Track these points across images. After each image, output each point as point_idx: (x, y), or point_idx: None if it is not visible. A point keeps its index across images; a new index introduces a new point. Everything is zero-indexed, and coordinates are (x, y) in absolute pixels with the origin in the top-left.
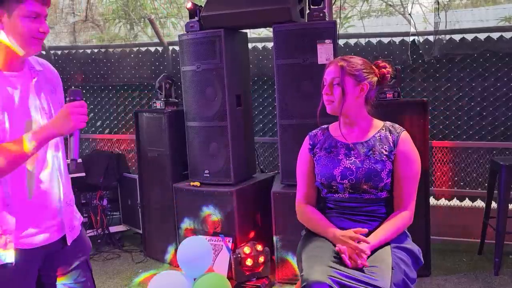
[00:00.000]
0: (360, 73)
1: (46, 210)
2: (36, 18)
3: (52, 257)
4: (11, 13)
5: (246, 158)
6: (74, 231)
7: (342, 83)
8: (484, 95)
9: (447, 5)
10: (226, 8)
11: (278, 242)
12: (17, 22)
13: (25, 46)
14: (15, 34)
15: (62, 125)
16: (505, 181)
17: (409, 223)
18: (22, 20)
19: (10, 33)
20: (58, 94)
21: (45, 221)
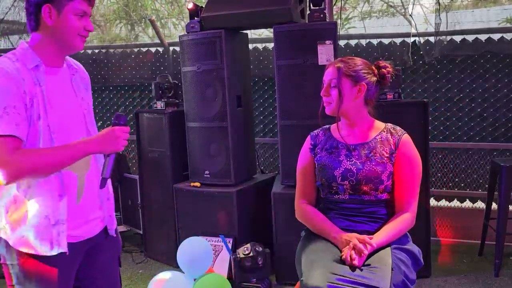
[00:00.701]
0: (357, 74)
1: (91, 202)
2: (82, 16)
3: (93, 251)
4: (61, 10)
5: (247, 158)
6: (113, 223)
7: (338, 85)
8: (485, 96)
9: (448, 6)
10: (226, 8)
11: (278, 243)
12: (66, 19)
13: (71, 43)
14: (62, 31)
15: (108, 145)
16: (505, 182)
17: (411, 225)
18: (71, 17)
19: (58, 29)
20: (89, 92)
21: (90, 213)
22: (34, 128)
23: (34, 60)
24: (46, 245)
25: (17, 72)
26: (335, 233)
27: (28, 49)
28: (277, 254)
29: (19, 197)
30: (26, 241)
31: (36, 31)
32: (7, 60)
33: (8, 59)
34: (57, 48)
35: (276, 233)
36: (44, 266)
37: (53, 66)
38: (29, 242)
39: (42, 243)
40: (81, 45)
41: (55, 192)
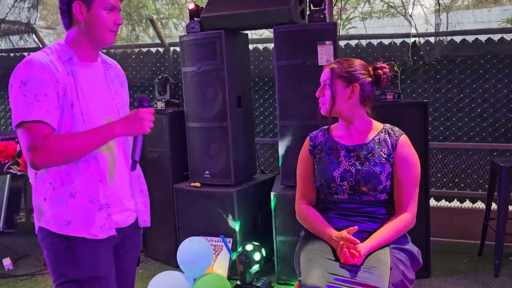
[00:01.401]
0: (350, 75)
1: (123, 187)
2: (111, 10)
3: (121, 243)
4: (90, 5)
5: (247, 159)
6: (146, 215)
7: (331, 85)
8: (485, 97)
9: (448, 6)
10: (227, 9)
11: (278, 243)
12: (95, 14)
13: (101, 37)
14: (93, 26)
15: (134, 127)
16: (505, 182)
17: (411, 225)
18: (100, 12)
19: (89, 24)
20: (124, 89)
21: (123, 200)
22: (68, 116)
23: (67, 53)
24: (95, 229)
25: (50, 63)
26: (327, 235)
27: (63, 44)
28: (276, 254)
29: (59, 185)
30: (74, 226)
31: (70, 28)
32: (42, 53)
33: (44, 52)
34: (89, 42)
35: (276, 233)
36: (90, 249)
37: (86, 60)
38: (78, 227)
39: (91, 227)
40: (112, 39)
41: (95, 177)
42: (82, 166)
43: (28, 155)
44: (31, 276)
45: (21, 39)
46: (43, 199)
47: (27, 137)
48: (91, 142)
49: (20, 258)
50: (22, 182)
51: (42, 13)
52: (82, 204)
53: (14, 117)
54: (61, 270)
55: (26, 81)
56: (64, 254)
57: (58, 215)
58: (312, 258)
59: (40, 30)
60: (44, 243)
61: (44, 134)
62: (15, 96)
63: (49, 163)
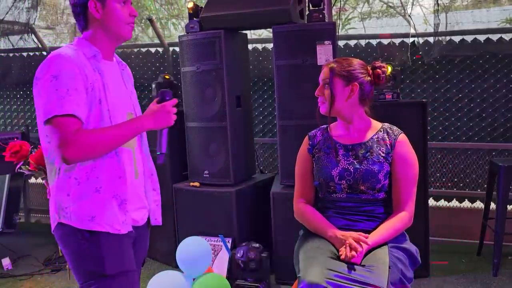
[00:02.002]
0: (349, 74)
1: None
2: (125, 3)
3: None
4: (105, 1)
5: (246, 158)
6: (158, 219)
7: (330, 84)
8: (484, 97)
9: (447, 6)
10: (226, 9)
11: (277, 243)
12: (111, 10)
13: (120, 32)
14: (110, 21)
15: (162, 120)
16: (503, 182)
17: (409, 224)
18: (115, 6)
19: (106, 21)
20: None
21: (141, 196)
22: (95, 112)
23: (92, 50)
24: (117, 224)
25: (79, 58)
26: (331, 232)
27: (86, 42)
28: (276, 253)
29: (84, 181)
30: (98, 221)
31: (86, 29)
32: (69, 49)
33: (70, 48)
34: (108, 40)
35: (275, 233)
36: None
37: (107, 59)
38: (102, 222)
39: (114, 222)
40: (130, 33)
41: (117, 172)
42: (106, 162)
43: (60, 150)
44: (30, 276)
45: (21, 39)
46: (66, 194)
47: (59, 132)
48: (122, 136)
49: (19, 258)
50: (21, 182)
51: (41, 13)
52: (106, 199)
53: (45, 110)
54: (88, 268)
55: (57, 75)
56: (89, 250)
57: (81, 210)
58: (311, 255)
59: (39, 30)
60: (65, 240)
61: (76, 129)
62: (46, 90)
63: (81, 157)
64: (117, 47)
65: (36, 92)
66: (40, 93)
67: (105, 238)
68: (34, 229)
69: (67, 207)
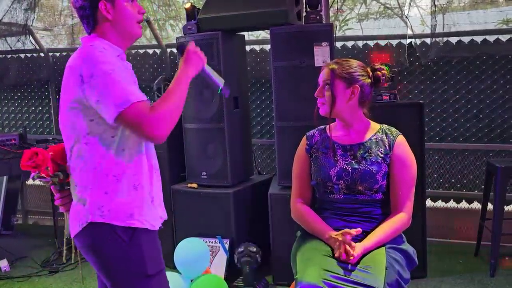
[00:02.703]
0: (351, 76)
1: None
2: (132, 1)
3: None
4: (114, 2)
5: (244, 160)
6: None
7: (332, 86)
8: (481, 97)
9: (444, 7)
10: (223, 10)
11: (275, 244)
12: (121, 9)
13: (132, 32)
14: (122, 21)
15: (195, 63)
16: (500, 183)
17: (407, 225)
18: (124, 5)
19: (118, 21)
20: None
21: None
22: None
23: (116, 49)
24: (153, 220)
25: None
26: (327, 234)
27: (103, 40)
28: (274, 254)
29: (122, 178)
30: (138, 218)
31: (95, 31)
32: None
33: (101, 46)
34: (121, 40)
35: (273, 234)
36: (153, 241)
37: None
38: (140, 218)
39: (150, 218)
40: (140, 31)
41: (148, 168)
42: (140, 158)
43: (148, 132)
44: (28, 278)
45: (19, 41)
46: (104, 193)
47: (140, 116)
48: (181, 92)
49: (17, 260)
50: (18, 183)
51: (39, 14)
52: (143, 196)
53: (117, 103)
54: (131, 269)
55: (113, 68)
56: (130, 250)
57: (121, 207)
58: (308, 256)
59: (37, 31)
60: (100, 243)
61: (150, 109)
62: (112, 83)
63: (168, 129)
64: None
65: (92, 91)
66: (100, 88)
67: (143, 236)
68: (32, 231)
69: (104, 205)
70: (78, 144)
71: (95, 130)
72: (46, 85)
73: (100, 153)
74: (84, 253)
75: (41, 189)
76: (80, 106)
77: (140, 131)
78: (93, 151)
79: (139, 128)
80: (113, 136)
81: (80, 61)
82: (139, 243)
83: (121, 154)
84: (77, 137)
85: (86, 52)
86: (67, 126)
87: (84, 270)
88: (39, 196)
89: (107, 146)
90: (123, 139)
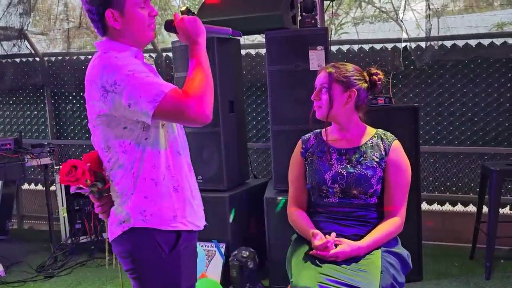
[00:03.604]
0: (348, 80)
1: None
2: (144, 3)
3: None
4: (123, 9)
5: (239, 163)
6: None
7: (329, 89)
8: (476, 101)
9: (439, 11)
10: (218, 15)
11: (271, 247)
12: (131, 17)
13: (142, 37)
14: (132, 28)
15: (196, 29)
16: (495, 186)
17: (400, 229)
18: (135, 12)
19: (128, 29)
20: None
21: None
22: None
23: (131, 50)
24: (197, 220)
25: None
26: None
27: (117, 43)
28: (270, 258)
29: (161, 181)
30: (180, 219)
31: (106, 34)
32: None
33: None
34: (133, 43)
35: (269, 238)
36: (192, 246)
37: None
38: (183, 220)
39: (194, 219)
40: (152, 34)
41: (186, 170)
42: (177, 159)
43: (192, 115)
44: (23, 283)
45: (15, 46)
46: (144, 197)
47: (177, 104)
48: (204, 63)
49: (12, 265)
50: (14, 188)
51: (34, 19)
52: (184, 197)
53: (150, 99)
54: (164, 280)
55: (133, 68)
56: (167, 260)
57: (162, 211)
58: (303, 260)
59: (32, 36)
60: (141, 247)
61: (182, 92)
62: (138, 82)
63: (210, 105)
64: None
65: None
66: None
67: (185, 242)
68: (27, 236)
69: (146, 210)
70: (116, 155)
71: (130, 137)
72: (41, 90)
73: (137, 158)
74: (120, 258)
75: (36, 194)
76: (106, 120)
77: (184, 118)
78: (131, 158)
79: (182, 115)
80: (147, 139)
81: (99, 71)
82: (178, 255)
83: (157, 157)
84: (113, 148)
85: (102, 62)
86: (100, 141)
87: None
88: (34, 201)
89: (143, 150)
90: (156, 141)
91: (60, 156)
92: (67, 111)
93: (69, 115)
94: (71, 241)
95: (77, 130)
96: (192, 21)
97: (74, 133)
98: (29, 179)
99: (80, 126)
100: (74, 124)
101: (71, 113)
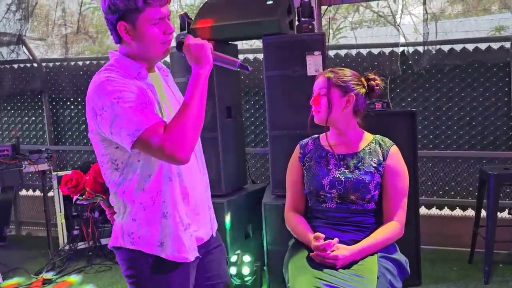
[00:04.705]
0: (346, 85)
1: (202, 202)
2: (160, 20)
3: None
4: (135, 23)
5: (237, 169)
6: (216, 223)
7: (328, 94)
8: (473, 105)
9: (436, 16)
10: (216, 20)
11: (270, 253)
12: (143, 32)
13: (153, 53)
14: (142, 43)
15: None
16: (493, 190)
17: (400, 234)
18: (147, 28)
19: (139, 43)
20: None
21: (203, 212)
22: None
23: (135, 66)
24: (185, 251)
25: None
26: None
27: (123, 58)
28: (268, 264)
29: (150, 205)
30: (167, 248)
31: (121, 43)
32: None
33: (108, 71)
34: (143, 58)
35: (267, 243)
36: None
37: (150, 72)
38: (170, 249)
39: (181, 249)
40: (162, 52)
41: (182, 195)
42: (170, 185)
43: (169, 155)
44: None
45: (13, 52)
46: (132, 219)
47: (155, 141)
48: (199, 98)
49: (9, 271)
50: (11, 194)
51: (32, 24)
52: (173, 225)
53: (130, 131)
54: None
55: (119, 96)
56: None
57: (150, 236)
58: (300, 265)
59: (30, 41)
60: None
61: (164, 129)
62: (121, 113)
63: (190, 146)
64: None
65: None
66: (113, 122)
67: (173, 269)
68: (25, 242)
69: (133, 232)
70: (109, 170)
71: (121, 157)
72: (39, 95)
73: (127, 179)
74: (120, 264)
75: (34, 200)
76: (99, 137)
77: (160, 155)
78: (122, 177)
79: (158, 152)
80: (139, 161)
81: (91, 93)
82: (168, 276)
83: (147, 180)
84: (107, 164)
85: (94, 83)
86: (98, 154)
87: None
88: (32, 207)
89: (133, 172)
90: (146, 164)
91: (58, 162)
92: (65, 116)
93: (67, 121)
94: (69, 247)
95: (75, 136)
96: (199, 48)
97: (72, 139)
98: (27, 185)
99: (78, 132)
100: (72, 130)
101: (69, 119)
